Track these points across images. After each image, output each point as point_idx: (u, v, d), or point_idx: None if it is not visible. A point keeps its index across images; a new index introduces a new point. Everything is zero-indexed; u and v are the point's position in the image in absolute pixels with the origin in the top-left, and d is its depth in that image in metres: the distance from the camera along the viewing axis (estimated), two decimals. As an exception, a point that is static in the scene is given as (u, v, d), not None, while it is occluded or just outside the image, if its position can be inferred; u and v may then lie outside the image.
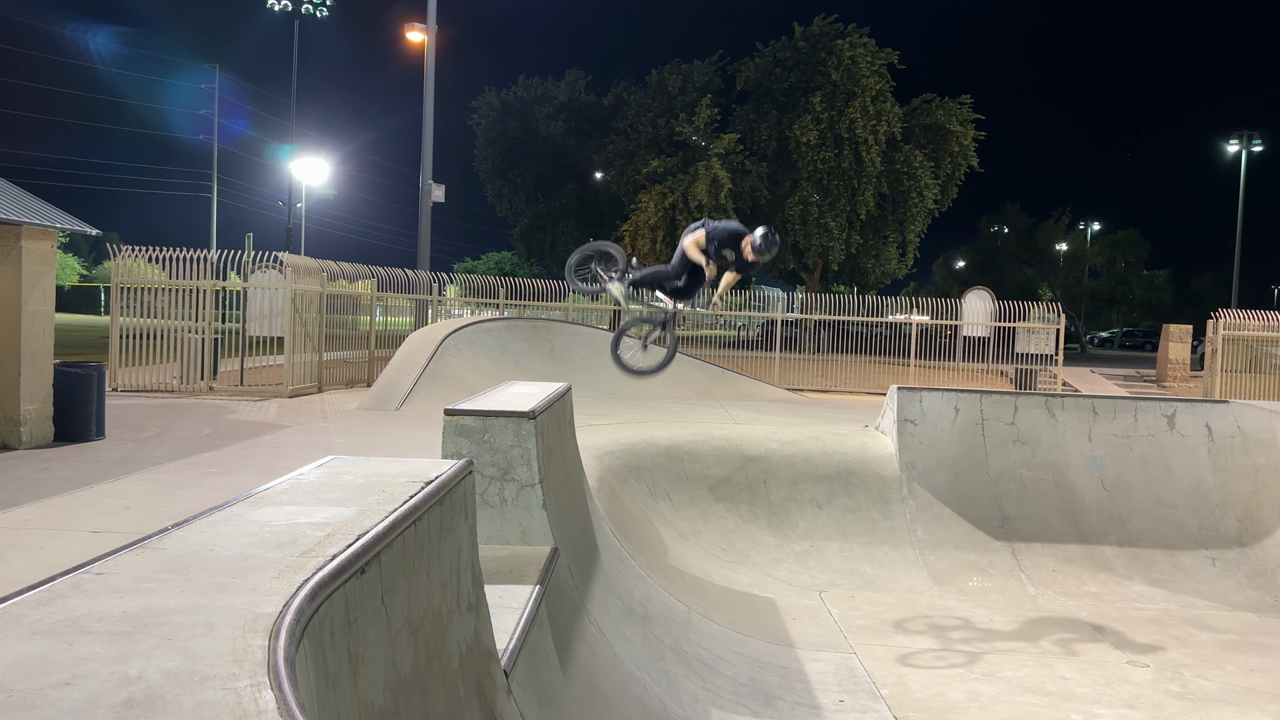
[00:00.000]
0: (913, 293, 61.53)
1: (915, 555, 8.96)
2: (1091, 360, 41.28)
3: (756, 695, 5.76)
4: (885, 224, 38.77)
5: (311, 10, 40.56)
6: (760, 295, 27.35)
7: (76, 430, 9.75)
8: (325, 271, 16.71)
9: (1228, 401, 10.33)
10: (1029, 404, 9.90)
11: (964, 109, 37.28)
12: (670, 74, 39.90)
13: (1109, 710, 5.93)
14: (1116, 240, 67.83)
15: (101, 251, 57.00)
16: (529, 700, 3.39)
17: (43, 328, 9.76)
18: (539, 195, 43.66)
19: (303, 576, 1.86)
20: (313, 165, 45.17)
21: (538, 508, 5.04)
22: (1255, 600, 8.57)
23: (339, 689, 1.85)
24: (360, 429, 11.08)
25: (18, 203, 9.83)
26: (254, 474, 7.79)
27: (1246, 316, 21.18)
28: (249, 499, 2.57)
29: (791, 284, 43.74)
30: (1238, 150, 49.77)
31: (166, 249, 15.15)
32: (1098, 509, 9.41)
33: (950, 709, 5.85)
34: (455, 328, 15.42)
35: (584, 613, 4.98)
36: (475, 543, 3.30)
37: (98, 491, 7.21)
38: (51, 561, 5.09)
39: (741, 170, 37.58)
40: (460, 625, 2.85)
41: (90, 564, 1.92)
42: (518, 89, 42.25)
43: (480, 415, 5.09)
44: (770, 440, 9.89)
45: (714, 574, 8.29)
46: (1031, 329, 22.13)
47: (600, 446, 9.01)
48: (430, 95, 26.12)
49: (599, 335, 17.71)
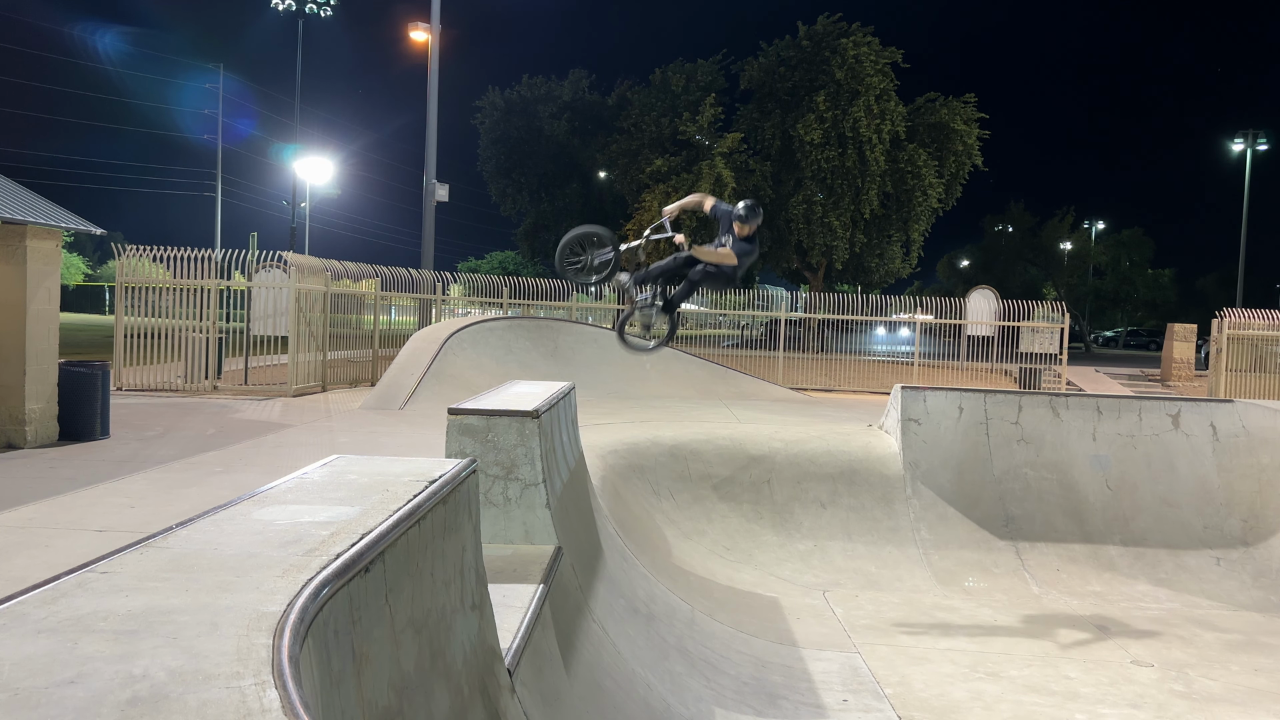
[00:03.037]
0: (916, 292, 61.41)
1: (919, 555, 8.95)
2: (1096, 360, 41.20)
3: (760, 694, 5.76)
4: (889, 223, 38.71)
5: (315, 10, 40.59)
6: (764, 295, 27.33)
7: (81, 429, 9.77)
8: (329, 271, 16.72)
9: (1233, 401, 10.31)
10: (1033, 403, 9.88)
11: (968, 108, 37.22)
12: (674, 73, 39.88)
13: (1113, 710, 5.92)
14: (1121, 239, 67.71)
15: (106, 251, 57.12)
16: (533, 699, 3.39)
17: (48, 327, 9.78)
18: (543, 194, 43.68)
19: (307, 575, 1.86)
20: (317, 165, 45.18)
21: (541, 507, 5.04)
22: (1260, 600, 8.55)
23: (343, 688, 1.85)
24: (364, 428, 11.10)
25: (22, 202, 9.85)
26: (258, 473, 7.80)
27: (1251, 316, 21.13)
28: (253, 498, 2.57)
29: (795, 283, 43.71)
30: (1243, 149, 49.65)
31: (171, 248, 15.18)
32: (1102, 508, 9.40)
33: (954, 708, 5.84)
34: (459, 327, 15.42)
35: (588, 612, 4.98)
36: (479, 542, 3.30)
37: (102, 490, 7.23)
38: (56, 560, 5.10)
39: (745, 169, 37.55)
40: (464, 624, 2.85)
41: (95, 563, 1.93)
42: (521, 88, 42.26)
43: (484, 414, 5.09)
44: (774, 439, 9.88)
45: (717, 573, 8.29)
46: (1036, 328, 22.09)
47: (604, 446, 9.01)
48: (434, 95, 26.15)
49: (603, 335, 17.70)
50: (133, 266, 15.43)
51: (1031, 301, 23.33)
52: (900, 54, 36.83)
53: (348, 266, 18.01)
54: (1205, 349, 26.94)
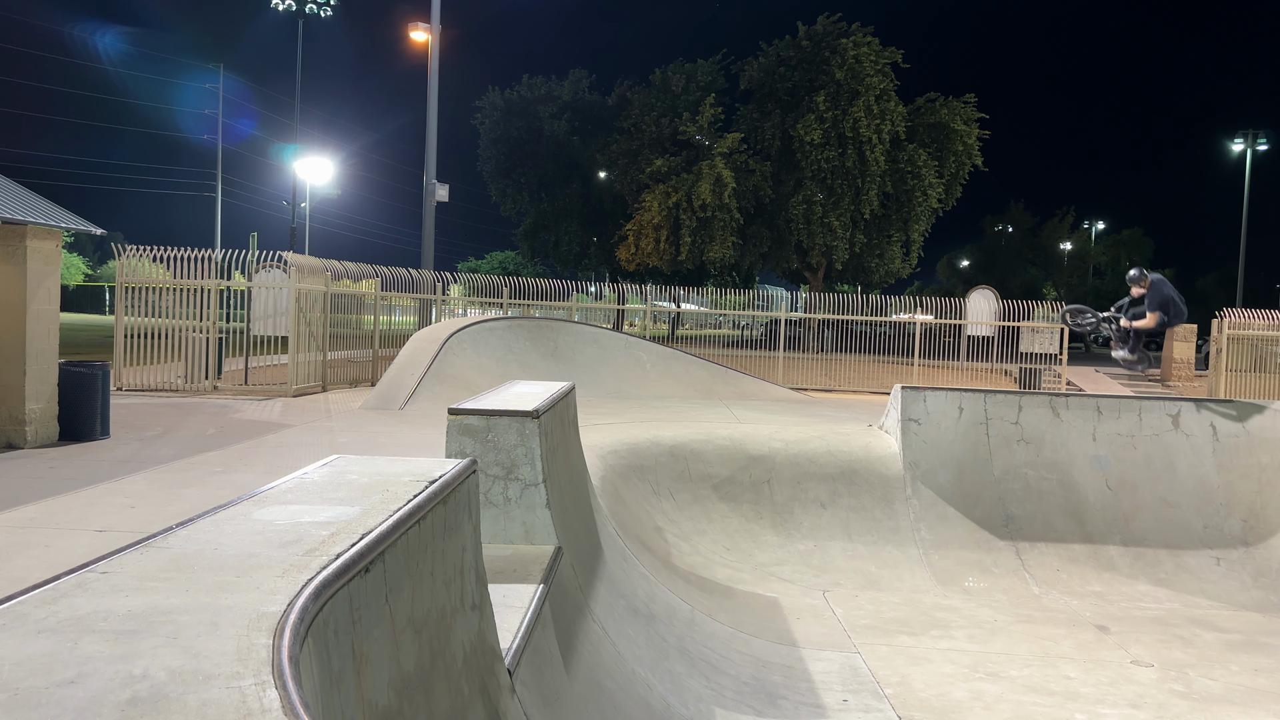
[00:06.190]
0: (917, 292, 61.45)
1: (919, 555, 8.95)
2: (1096, 360, 41.19)
3: (760, 694, 5.76)
4: (889, 223, 38.74)
5: (315, 10, 40.61)
6: (764, 295, 27.33)
7: (81, 429, 9.77)
8: (329, 271, 16.73)
9: (1232, 401, 10.31)
10: (1033, 403, 9.88)
11: (968, 108, 37.25)
12: (674, 73, 39.90)
13: (1113, 710, 5.91)
14: (1121, 239, 67.77)
15: (106, 251, 57.13)
16: (533, 699, 3.39)
17: (48, 327, 9.78)
18: (543, 194, 43.70)
19: (307, 575, 1.86)
20: (317, 165, 45.23)
21: (541, 507, 5.04)
22: (1260, 600, 8.55)
23: (343, 688, 1.85)
24: (364, 428, 11.10)
25: (22, 202, 9.85)
26: (258, 473, 7.80)
27: (1251, 316, 21.13)
28: (253, 498, 2.57)
29: (795, 283, 43.74)
30: (1243, 149, 49.66)
31: (171, 248, 15.18)
32: (1102, 509, 9.40)
33: (954, 708, 5.84)
34: (459, 327, 15.42)
35: (588, 612, 4.98)
36: (479, 542, 3.30)
37: (102, 490, 7.23)
38: (56, 560, 5.10)
39: (745, 169, 37.56)
40: (464, 624, 2.85)
41: (95, 563, 1.93)
42: (521, 89, 42.29)
43: (484, 414, 5.09)
44: (774, 439, 9.88)
45: (717, 573, 8.29)
46: (1036, 328, 22.10)
47: (604, 446, 9.01)
48: (434, 95, 26.15)
49: (603, 335, 17.72)
50: (133, 266, 15.43)
51: (1031, 301, 23.34)
52: (900, 54, 36.87)
53: (348, 266, 18.01)
54: (1205, 349, 26.94)
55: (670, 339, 28.56)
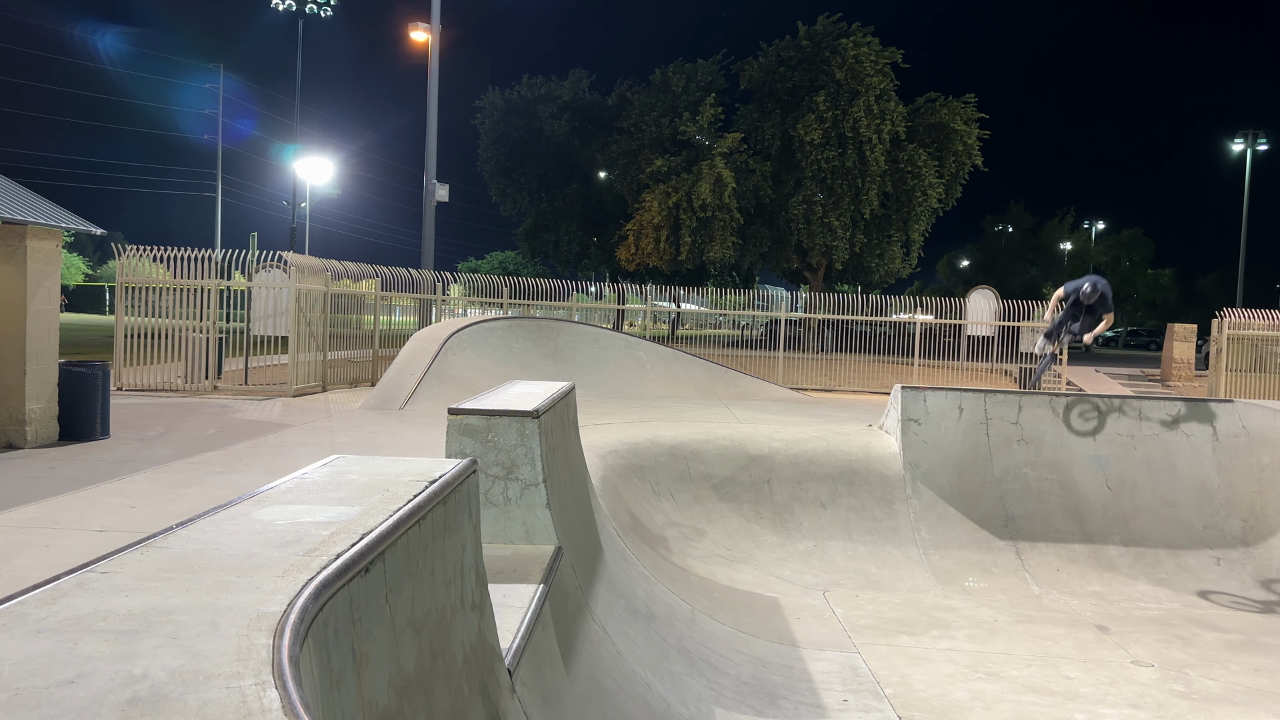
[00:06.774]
0: (917, 292, 61.44)
1: (919, 555, 8.95)
2: (1096, 360, 41.21)
3: (760, 694, 5.76)
4: (889, 223, 38.73)
5: (315, 10, 40.62)
6: (764, 295, 27.33)
7: (81, 429, 9.77)
8: (329, 271, 16.73)
9: (1233, 401, 10.31)
10: (1033, 403, 9.88)
11: (968, 108, 37.25)
12: (674, 73, 39.89)
13: (1113, 710, 5.91)
14: (1121, 239, 67.80)
15: (106, 251, 57.12)
16: (533, 699, 3.39)
17: (48, 327, 9.78)
18: (543, 194, 43.71)
19: (307, 575, 1.86)
20: (317, 165, 45.23)
21: (541, 507, 5.03)
22: (1260, 600, 8.55)
23: (343, 688, 1.85)
24: (364, 428, 11.10)
25: (22, 202, 9.85)
26: (258, 473, 7.80)
27: (1251, 316, 21.13)
28: (253, 498, 2.57)
29: (795, 283, 43.74)
30: (1243, 149, 49.67)
31: (171, 248, 15.18)
32: (1102, 508, 9.40)
33: (954, 708, 5.84)
34: (459, 327, 15.42)
35: (588, 612, 4.98)
36: (479, 542, 3.30)
37: (102, 490, 7.23)
38: (56, 560, 5.10)
39: (745, 170, 37.56)
40: (464, 624, 2.85)
41: (95, 563, 1.93)
42: (521, 88, 42.28)
43: (484, 414, 5.09)
44: (774, 439, 9.88)
45: (717, 573, 8.29)
46: (1036, 328, 22.08)
47: (604, 446, 9.01)
48: (434, 95, 26.16)
49: (603, 335, 17.72)
50: (133, 266, 15.43)
51: (1031, 302, 23.34)
52: (900, 54, 36.87)
53: (348, 266, 18.01)
54: (1205, 349, 26.93)
55: (670, 339, 28.56)
